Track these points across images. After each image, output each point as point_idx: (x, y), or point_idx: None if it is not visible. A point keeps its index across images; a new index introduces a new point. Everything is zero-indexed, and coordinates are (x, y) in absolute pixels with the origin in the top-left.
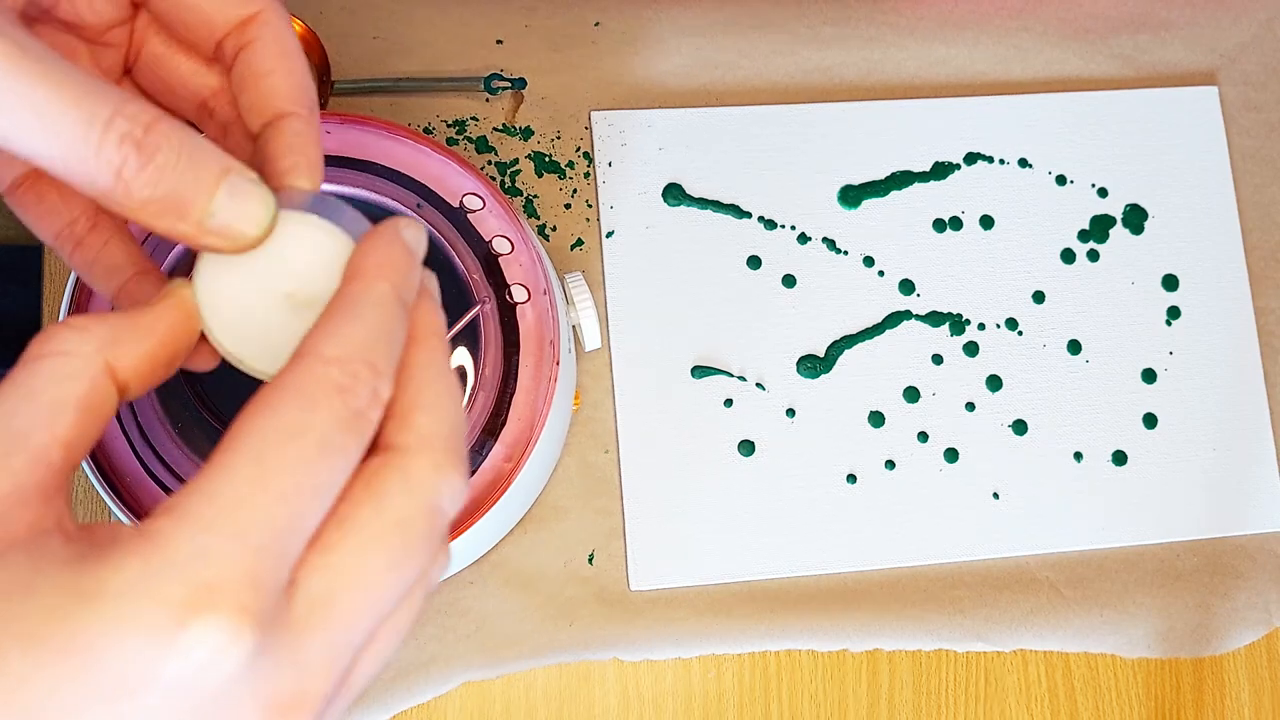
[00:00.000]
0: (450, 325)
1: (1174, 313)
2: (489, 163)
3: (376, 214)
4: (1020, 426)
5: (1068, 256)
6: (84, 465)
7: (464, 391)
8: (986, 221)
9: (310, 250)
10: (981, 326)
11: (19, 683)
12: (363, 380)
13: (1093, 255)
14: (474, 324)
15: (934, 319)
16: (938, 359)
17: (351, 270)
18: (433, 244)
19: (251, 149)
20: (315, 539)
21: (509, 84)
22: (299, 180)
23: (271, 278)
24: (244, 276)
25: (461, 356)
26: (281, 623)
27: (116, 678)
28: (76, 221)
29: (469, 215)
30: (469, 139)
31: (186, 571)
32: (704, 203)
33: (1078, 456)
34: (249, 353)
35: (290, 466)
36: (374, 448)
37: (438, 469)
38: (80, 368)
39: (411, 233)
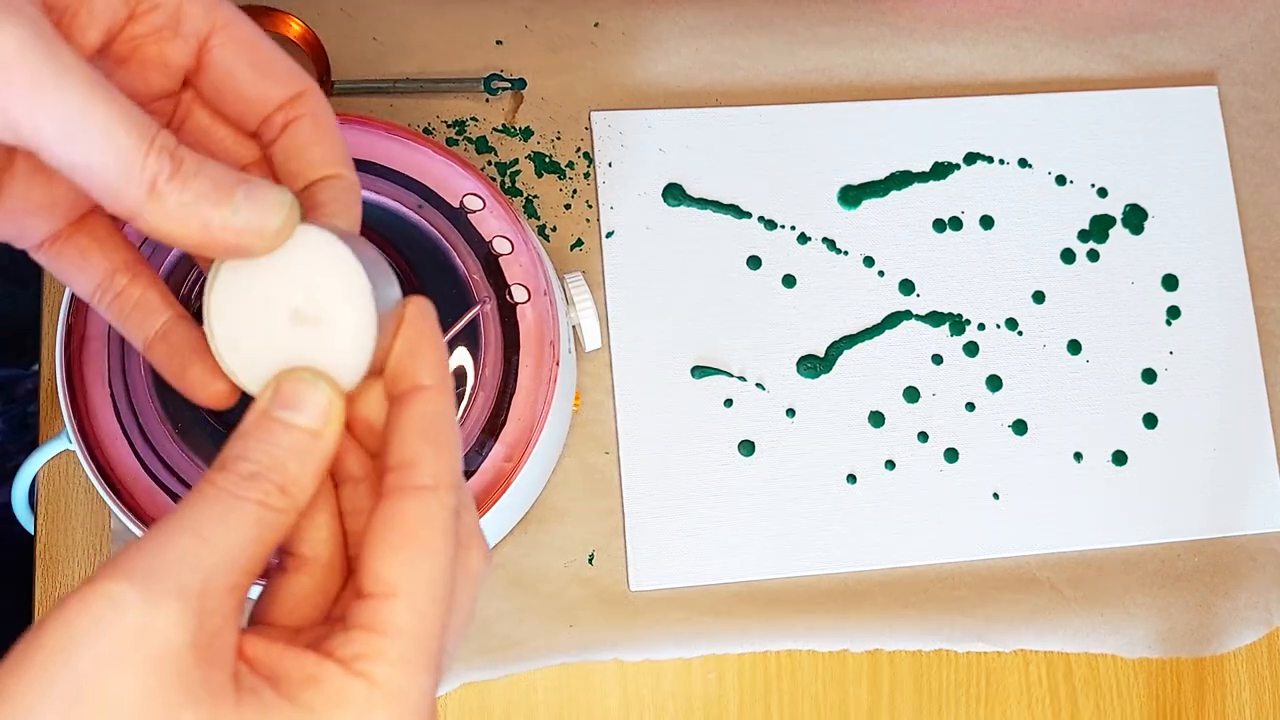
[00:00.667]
0: (450, 325)
1: (1174, 313)
2: (489, 163)
3: (376, 214)
4: (1020, 426)
5: (1068, 256)
6: (84, 465)
7: (464, 392)
8: (986, 221)
9: (321, 265)
10: (981, 326)
11: None
12: (466, 506)
13: (1093, 255)
14: (474, 324)
15: (934, 319)
16: (938, 359)
17: (432, 363)
18: (433, 244)
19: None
20: None
21: (509, 84)
22: (336, 216)
23: (281, 292)
24: (254, 292)
25: (461, 356)
26: None
27: None
28: (117, 272)
29: (469, 215)
30: (469, 139)
31: (404, 707)
32: (704, 203)
33: (1078, 456)
34: (252, 376)
35: (447, 596)
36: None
37: (485, 558)
38: (287, 525)
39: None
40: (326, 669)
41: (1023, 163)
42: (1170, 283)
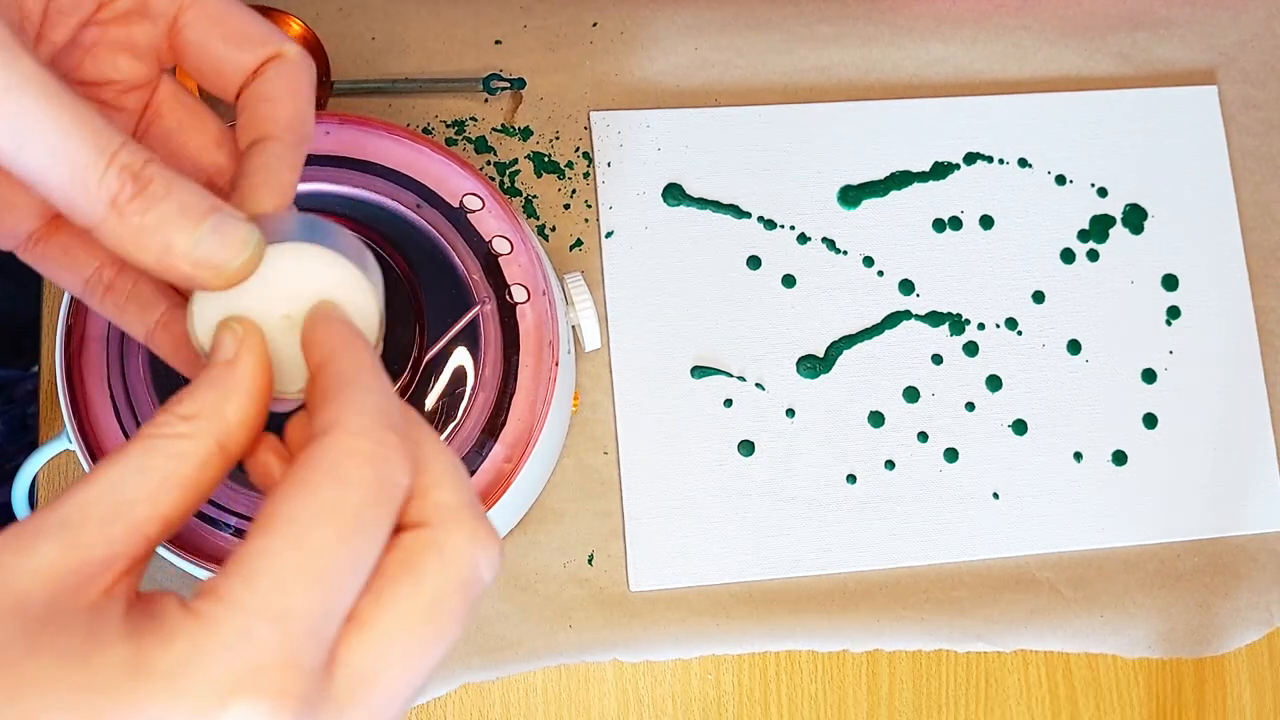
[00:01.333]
0: (450, 325)
1: (1174, 313)
2: (488, 163)
3: (377, 214)
4: (1020, 426)
5: (1067, 256)
6: (84, 465)
7: (464, 392)
8: (986, 221)
9: (304, 277)
10: (981, 326)
11: None
12: (391, 447)
13: (1092, 255)
14: (474, 324)
15: (934, 319)
16: (937, 359)
17: (330, 346)
18: (433, 244)
19: None
20: (353, 615)
21: (508, 84)
22: (260, 199)
23: (266, 304)
24: (238, 306)
25: (461, 356)
26: (322, 701)
27: None
28: (104, 266)
29: (469, 215)
30: (468, 139)
31: (231, 654)
32: (703, 203)
33: (1078, 456)
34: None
35: (328, 547)
36: (399, 525)
37: (474, 540)
38: (192, 449)
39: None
40: (168, 599)
41: (1022, 162)
42: (1170, 282)
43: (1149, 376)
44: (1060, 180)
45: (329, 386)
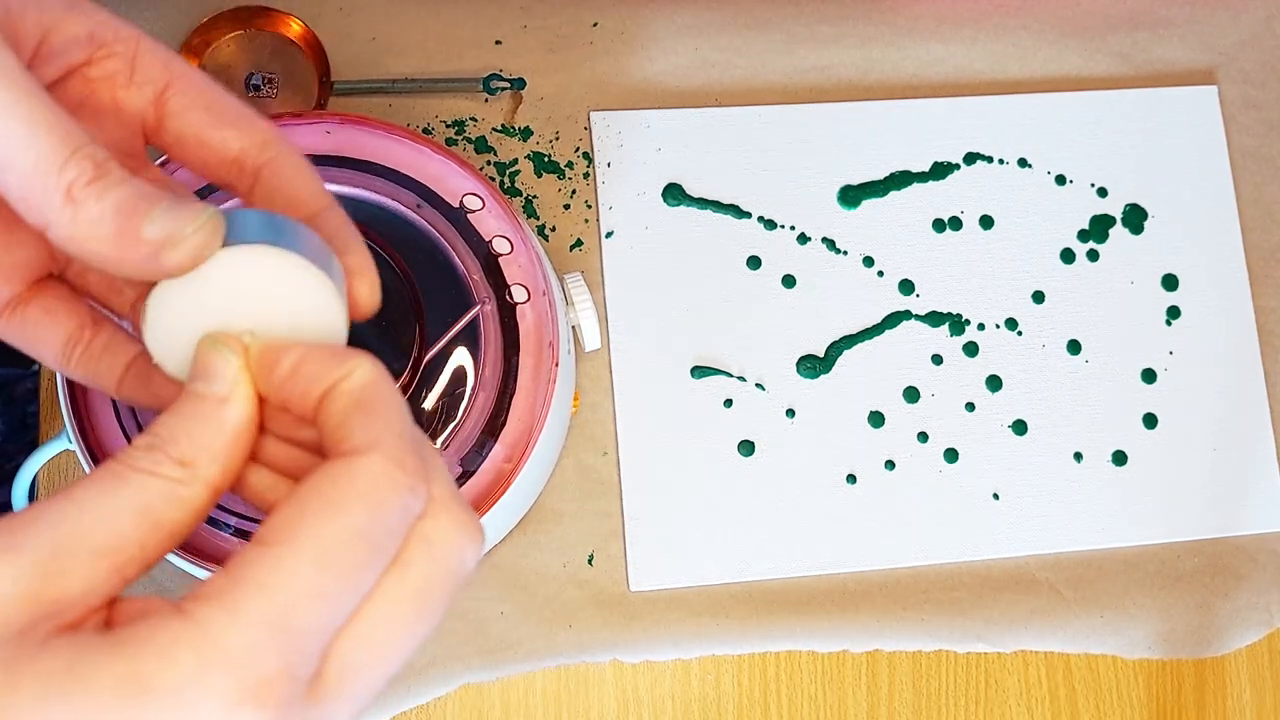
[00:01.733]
0: (450, 325)
1: (1174, 313)
2: (488, 163)
3: (377, 214)
4: (1020, 426)
5: (1067, 256)
6: (84, 465)
7: (464, 392)
8: (986, 221)
9: (267, 282)
10: (981, 326)
11: None
12: (419, 475)
13: (1092, 255)
14: (474, 324)
15: (934, 319)
16: (938, 359)
17: (354, 371)
18: (433, 244)
19: None
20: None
21: (508, 84)
22: (355, 265)
23: (228, 314)
24: (198, 308)
25: (461, 356)
26: (313, 696)
27: None
28: (84, 325)
29: (469, 215)
30: (468, 139)
31: (240, 669)
32: (703, 203)
33: (1078, 456)
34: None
35: (349, 570)
36: None
37: (460, 530)
38: (188, 496)
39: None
40: (155, 606)
41: (1022, 162)
42: (1170, 283)
43: (1149, 376)
44: (1060, 180)
45: (359, 405)
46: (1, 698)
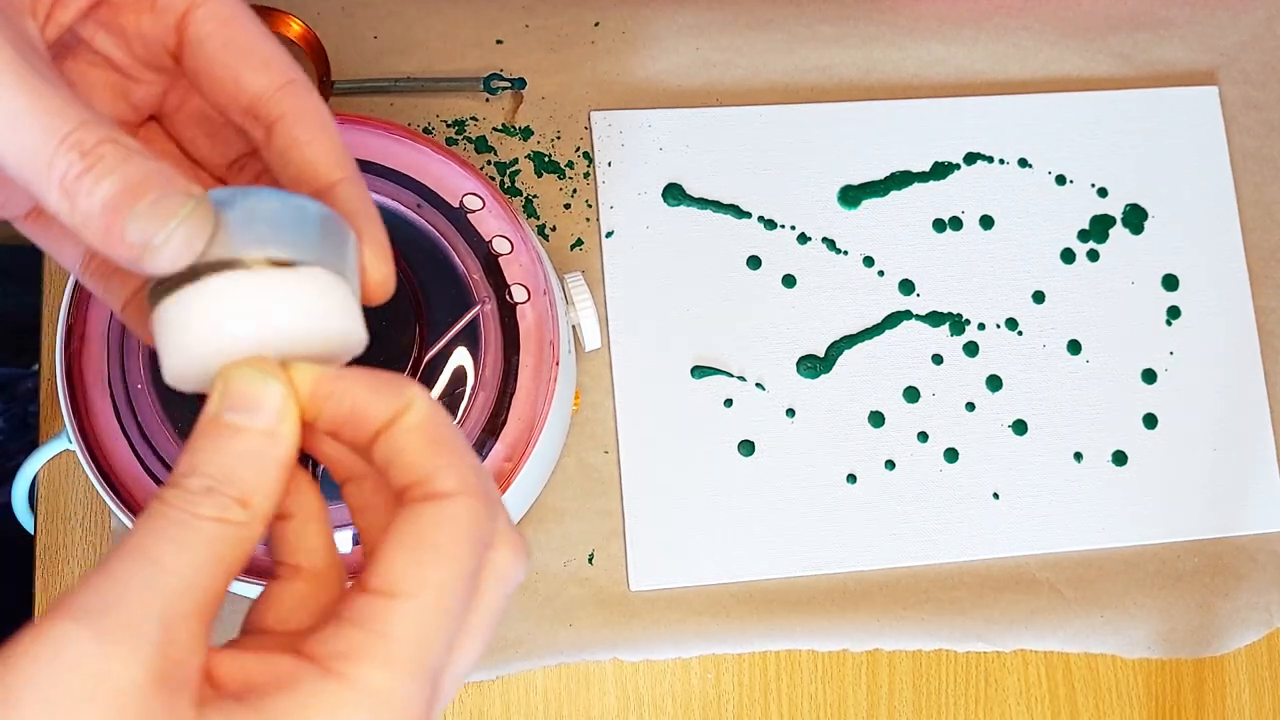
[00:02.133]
0: (450, 325)
1: (1174, 313)
2: (489, 163)
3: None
4: (1020, 426)
5: (1067, 256)
6: (84, 465)
7: (464, 392)
8: (986, 221)
9: (277, 292)
10: (981, 326)
11: None
12: (498, 504)
13: (1093, 255)
14: (474, 324)
15: (934, 319)
16: (938, 359)
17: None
18: (433, 244)
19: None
20: None
21: (508, 84)
22: (371, 249)
23: (238, 319)
24: (208, 324)
25: (462, 356)
26: None
27: None
28: None
29: (469, 215)
30: (468, 139)
31: (408, 707)
32: (704, 203)
33: (1078, 456)
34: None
35: (461, 610)
36: None
37: (516, 554)
38: (251, 538)
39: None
40: (300, 670)
41: (1023, 163)
42: (1170, 283)
43: (1149, 376)
44: (1060, 180)
45: (435, 442)
46: None
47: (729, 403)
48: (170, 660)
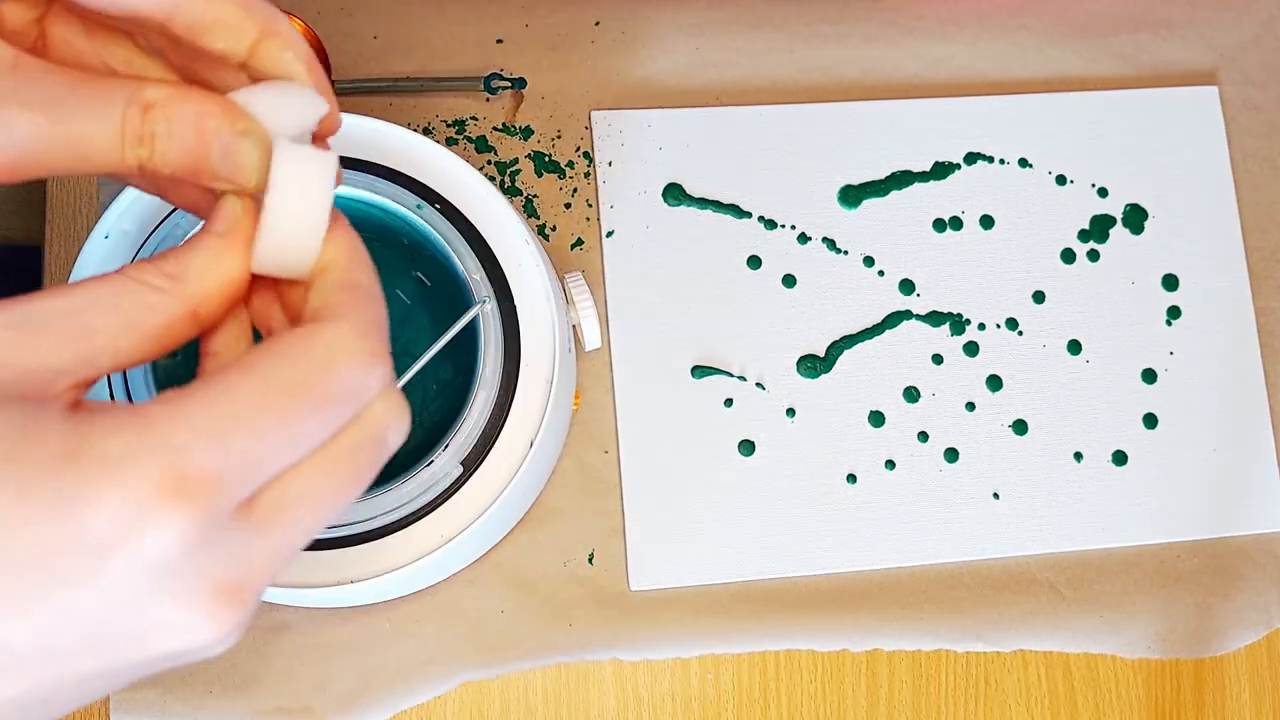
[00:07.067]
0: (450, 325)
1: (1174, 313)
2: (489, 162)
3: (376, 214)
4: (1020, 426)
5: (1068, 256)
6: None
7: (466, 394)
8: (986, 221)
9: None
10: (981, 326)
11: (3, 527)
12: (381, 358)
13: (1093, 255)
14: (474, 324)
15: (934, 319)
16: (938, 359)
17: (352, 249)
18: (432, 244)
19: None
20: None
21: (509, 83)
22: (290, 68)
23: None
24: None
25: (462, 356)
26: (240, 522)
27: (91, 537)
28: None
29: (469, 215)
30: (469, 139)
31: (169, 457)
32: (704, 202)
33: (1078, 456)
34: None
35: (290, 415)
36: None
37: (388, 407)
38: (164, 304)
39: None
40: (113, 405)
41: (1023, 162)
42: (1170, 283)
43: (1149, 376)
44: (1061, 180)
45: (346, 284)
46: None
47: (729, 403)
48: (21, 354)
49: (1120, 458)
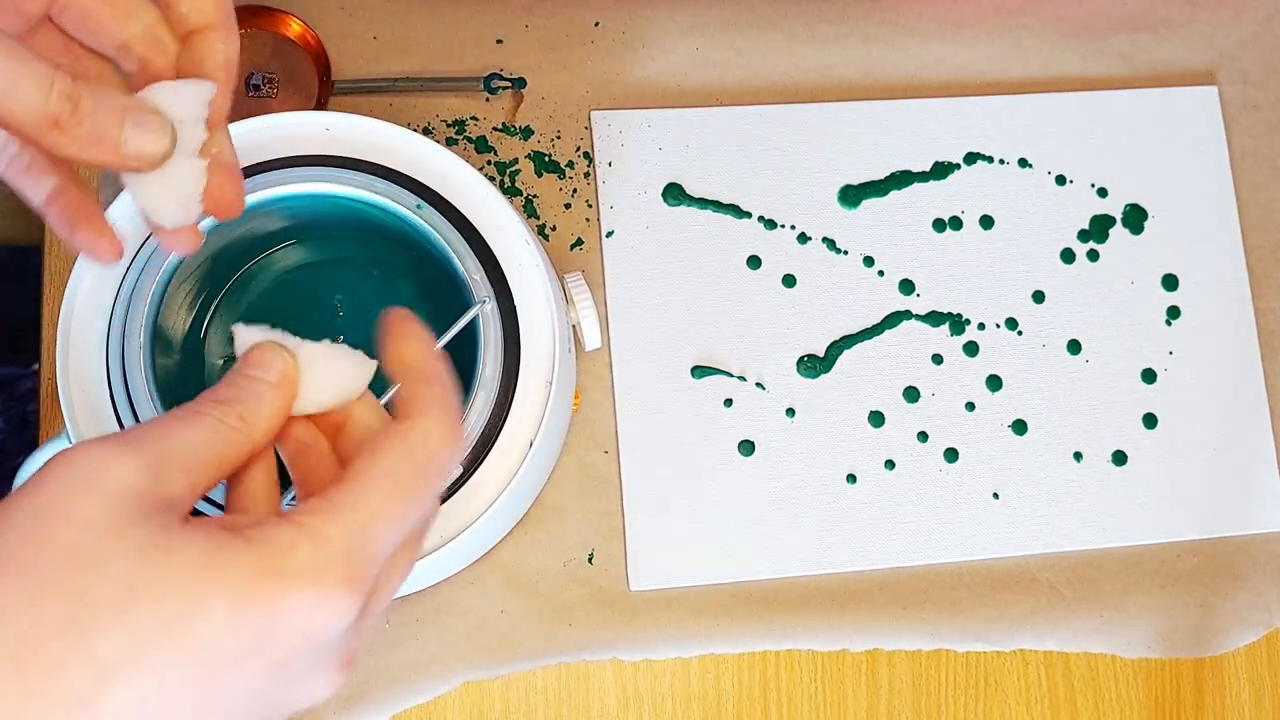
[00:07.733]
0: (450, 325)
1: (1174, 313)
2: (489, 162)
3: (376, 214)
4: (1020, 426)
5: (1067, 256)
6: None
7: (466, 394)
8: (986, 221)
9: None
10: (981, 326)
11: (227, 630)
12: (460, 440)
13: (1093, 255)
14: (474, 324)
15: (934, 319)
16: (938, 359)
17: (421, 347)
18: (432, 244)
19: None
20: None
21: (509, 84)
22: (211, 70)
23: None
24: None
25: (461, 356)
26: (371, 596)
27: (294, 626)
28: (8, 141)
29: (468, 215)
30: (468, 139)
31: (345, 561)
32: (704, 203)
33: (1078, 456)
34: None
35: (416, 497)
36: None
37: (442, 440)
38: (242, 440)
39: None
40: (269, 518)
41: (1023, 162)
42: (1170, 283)
43: (1149, 376)
44: (1060, 180)
45: (427, 377)
46: (160, 562)
47: (729, 403)
48: (162, 492)
49: (1120, 458)
